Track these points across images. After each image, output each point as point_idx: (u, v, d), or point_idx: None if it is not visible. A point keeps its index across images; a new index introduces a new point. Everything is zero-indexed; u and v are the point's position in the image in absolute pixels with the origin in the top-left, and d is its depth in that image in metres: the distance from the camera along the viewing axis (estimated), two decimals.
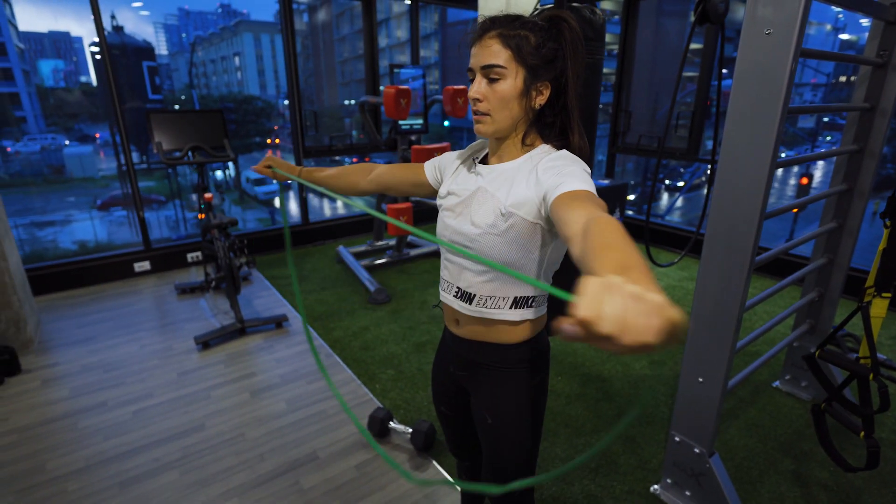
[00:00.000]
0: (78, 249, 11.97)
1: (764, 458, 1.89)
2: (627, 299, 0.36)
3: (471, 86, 0.87)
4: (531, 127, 0.90)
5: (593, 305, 0.36)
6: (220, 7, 24.98)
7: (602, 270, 0.46)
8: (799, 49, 1.20)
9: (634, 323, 0.35)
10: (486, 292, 0.92)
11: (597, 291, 0.37)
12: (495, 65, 0.83)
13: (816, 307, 2.14)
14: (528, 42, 0.82)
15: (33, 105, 17.95)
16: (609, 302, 0.36)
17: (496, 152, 0.94)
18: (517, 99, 0.85)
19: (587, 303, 0.36)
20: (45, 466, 1.83)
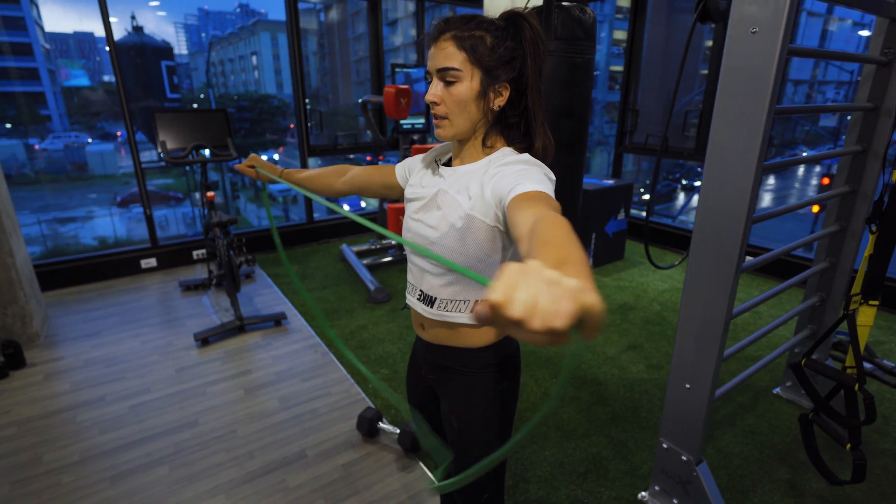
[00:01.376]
0: (98, 245, 12.27)
1: (759, 466, 1.85)
2: (541, 283, 0.35)
3: (429, 89, 0.86)
4: (492, 128, 0.88)
5: (506, 289, 0.35)
6: (238, 7, 25.29)
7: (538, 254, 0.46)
8: (786, 48, 1.16)
9: (544, 307, 0.34)
10: (446, 296, 0.91)
11: (512, 276, 0.36)
12: (450, 67, 0.81)
13: (818, 312, 2.07)
14: (484, 42, 0.81)
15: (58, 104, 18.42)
16: (522, 286, 0.35)
17: (458, 155, 0.93)
18: (474, 101, 0.83)
19: (501, 287, 0.36)
20: (41, 459, 1.88)
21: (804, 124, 15.81)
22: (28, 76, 18.16)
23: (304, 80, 4.04)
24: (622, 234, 3.91)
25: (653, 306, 3.18)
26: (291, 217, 16.29)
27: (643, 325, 2.94)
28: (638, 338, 2.79)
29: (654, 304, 3.21)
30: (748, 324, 2.96)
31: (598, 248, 3.75)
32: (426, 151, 1.04)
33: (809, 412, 1.33)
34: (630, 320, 2.99)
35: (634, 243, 4.39)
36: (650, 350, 2.66)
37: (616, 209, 3.77)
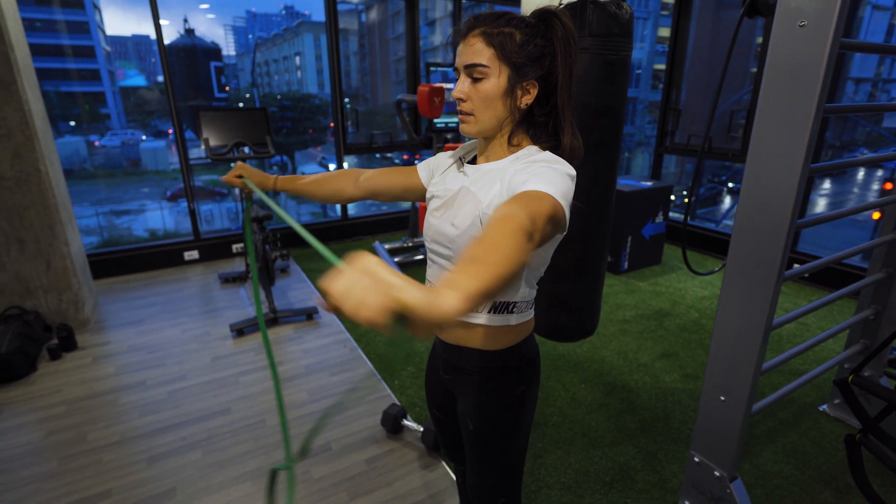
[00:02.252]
0: (148, 237, 12.93)
1: (800, 487, 1.74)
2: (360, 274, 0.40)
3: (456, 85, 0.85)
4: (518, 126, 0.87)
5: (339, 280, 0.41)
6: (283, 9, 26.05)
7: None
8: (837, 42, 1.08)
9: (357, 297, 0.40)
10: None
11: (350, 271, 0.41)
12: (477, 64, 0.80)
13: (872, 326, 1.94)
14: (513, 39, 0.79)
15: (116, 103, 19.52)
16: (355, 282, 0.40)
17: (484, 152, 0.91)
18: (501, 98, 0.82)
19: (332, 275, 0.41)
20: (86, 437, 1.99)
21: (865, 125, 14.83)
22: (90, 77, 19.27)
23: (341, 80, 4.11)
24: (660, 237, 3.78)
25: (690, 313, 3.06)
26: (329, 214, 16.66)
27: (679, 332, 2.83)
28: (673, 345, 2.69)
29: (691, 311, 3.09)
30: (794, 336, 2.80)
31: (633, 252, 3.64)
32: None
33: (857, 433, 1.24)
34: (665, 327, 2.89)
35: (673, 248, 4.23)
36: (686, 359, 2.56)
37: (654, 212, 3.65)
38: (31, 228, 2.61)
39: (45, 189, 2.59)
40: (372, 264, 0.42)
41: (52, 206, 2.62)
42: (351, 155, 4.31)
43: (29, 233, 2.61)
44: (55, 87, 14.75)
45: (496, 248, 0.52)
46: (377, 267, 0.42)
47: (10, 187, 2.52)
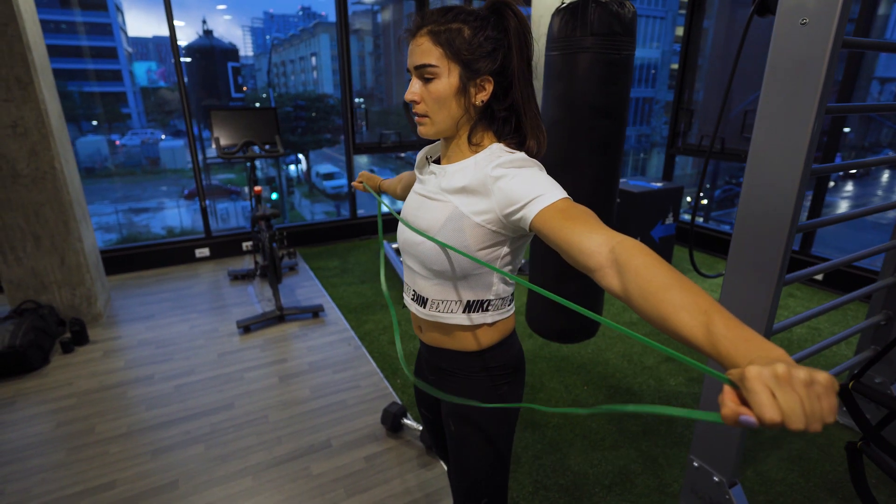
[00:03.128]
0: (166, 234, 13.17)
1: (804, 495, 1.71)
2: (801, 388, 0.38)
3: (409, 87, 0.83)
4: (478, 124, 0.84)
5: (774, 405, 0.38)
6: (300, 10, 26.32)
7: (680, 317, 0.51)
8: (840, 40, 1.06)
9: (818, 411, 0.38)
10: (436, 296, 0.90)
11: (772, 384, 0.38)
12: (426, 64, 0.78)
13: (883, 331, 1.89)
14: (461, 35, 0.77)
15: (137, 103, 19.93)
16: (786, 397, 0.38)
17: (445, 153, 0.90)
18: (454, 97, 0.80)
19: (768, 402, 0.38)
20: (94, 429, 2.04)
21: (890, 125, 14.43)
22: (112, 77, 19.68)
23: (351, 80, 4.14)
24: (670, 239, 3.73)
25: None
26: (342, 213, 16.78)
27: None
28: (679, 349, 2.65)
29: None
30: (804, 340, 2.74)
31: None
32: None
33: (858, 441, 1.21)
34: None
35: (683, 249, 4.17)
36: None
37: (664, 213, 3.61)
38: (47, 225, 2.68)
39: (60, 186, 2.65)
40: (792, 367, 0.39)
41: (66, 203, 2.69)
42: (361, 154, 4.33)
43: (44, 229, 2.68)
44: (79, 87, 15.08)
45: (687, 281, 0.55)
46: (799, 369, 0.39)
47: (26, 184, 2.59)
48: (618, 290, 0.60)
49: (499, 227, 0.80)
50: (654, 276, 0.55)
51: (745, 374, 0.40)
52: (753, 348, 0.45)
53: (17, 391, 2.29)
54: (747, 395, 0.39)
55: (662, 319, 0.53)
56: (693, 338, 0.50)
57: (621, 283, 0.59)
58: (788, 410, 0.37)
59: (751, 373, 0.40)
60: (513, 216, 0.75)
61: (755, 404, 0.38)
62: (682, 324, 0.51)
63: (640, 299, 0.56)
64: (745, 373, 0.40)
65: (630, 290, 0.57)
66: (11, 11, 2.38)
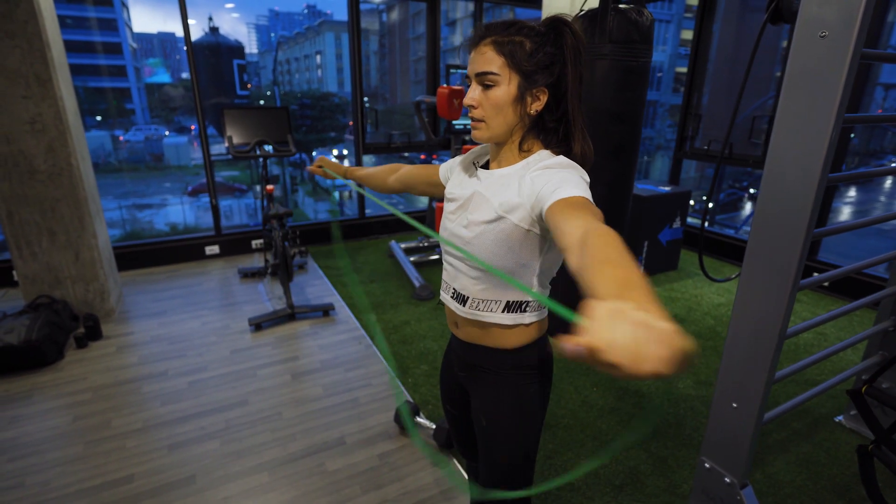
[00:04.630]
0: (169, 231, 13.21)
1: (812, 498, 1.73)
2: (637, 327, 0.36)
3: (468, 92, 0.88)
4: (529, 132, 0.89)
5: (602, 332, 0.36)
6: (306, 8, 26.34)
7: (601, 287, 0.47)
8: (858, 53, 1.08)
9: (644, 353, 0.35)
10: (478, 295, 0.93)
11: (605, 317, 0.37)
12: (488, 72, 0.83)
13: (891, 338, 1.91)
14: (523, 48, 0.82)
15: (141, 99, 19.98)
16: (618, 330, 0.36)
17: (496, 157, 0.94)
18: (511, 105, 0.84)
19: (596, 329, 0.37)
20: (110, 423, 2.06)
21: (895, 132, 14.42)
22: (117, 73, 19.73)
23: (362, 80, 4.16)
24: (677, 243, 3.75)
25: (705, 320, 3.04)
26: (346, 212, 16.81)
27: (694, 338, 2.80)
28: None
29: (707, 318, 3.07)
30: (811, 345, 2.77)
31: (650, 257, 3.63)
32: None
33: (870, 444, 1.24)
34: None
35: (690, 253, 4.20)
36: (700, 365, 2.55)
37: (671, 217, 3.63)
38: (62, 220, 2.71)
39: (76, 183, 2.68)
40: (635, 310, 0.37)
41: (81, 199, 2.72)
42: (370, 154, 4.36)
43: (59, 224, 2.71)
44: (83, 82, 15.11)
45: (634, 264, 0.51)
46: (640, 312, 0.37)
47: (43, 180, 2.62)
48: (574, 268, 0.58)
49: (531, 226, 0.83)
50: (602, 253, 0.53)
51: (591, 305, 0.39)
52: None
53: (34, 385, 2.32)
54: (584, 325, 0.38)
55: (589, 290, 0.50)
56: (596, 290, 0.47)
57: (579, 260, 0.57)
58: (616, 343, 0.35)
59: (597, 306, 0.39)
60: (537, 212, 0.79)
61: (584, 329, 0.37)
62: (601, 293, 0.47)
63: (583, 272, 0.54)
64: (592, 305, 0.39)
65: (581, 265, 0.55)
66: (32, 8, 2.41)
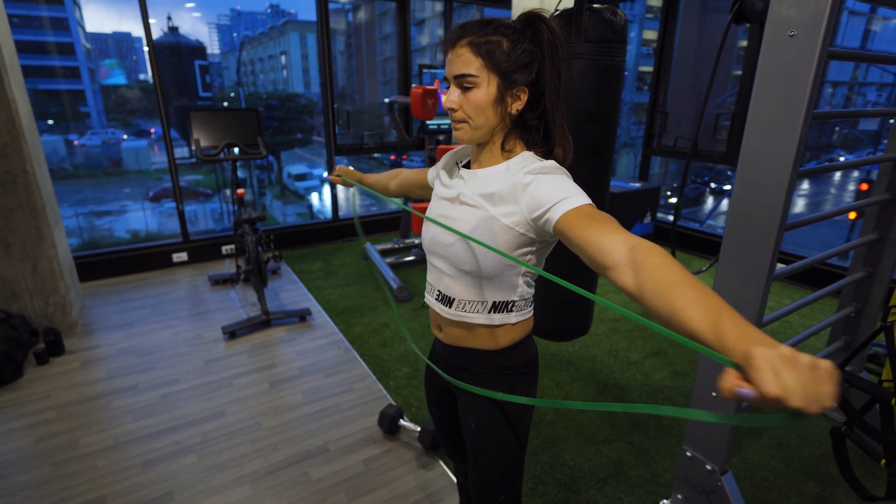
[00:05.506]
0: (130, 238, 12.70)
1: (786, 479, 1.80)
2: (805, 371, 0.40)
3: (447, 95, 0.86)
4: (511, 132, 0.88)
5: (778, 381, 0.40)
6: (269, 7, 25.80)
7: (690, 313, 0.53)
8: (825, 52, 1.13)
9: (818, 393, 0.40)
10: (463, 296, 0.92)
11: (778, 365, 0.41)
12: (467, 74, 0.81)
13: (853, 323, 2.01)
14: (500, 47, 0.81)
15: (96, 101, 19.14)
16: (791, 376, 0.40)
17: (477, 158, 0.93)
18: (492, 106, 0.83)
19: (772, 378, 0.41)
20: (78, 442, 1.96)
21: (842, 127, 15.24)
22: (70, 74, 18.85)
23: (332, 81, 4.10)
24: (648, 238, 3.85)
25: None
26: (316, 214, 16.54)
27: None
28: (662, 344, 2.75)
29: None
30: (778, 333, 2.88)
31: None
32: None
33: (842, 425, 1.29)
34: None
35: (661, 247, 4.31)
36: (674, 357, 2.62)
37: (642, 213, 3.72)
38: (18, 230, 2.56)
39: (32, 190, 2.54)
40: (797, 353, 0.42)
41: (38, 207, 2.58)
42: (342, 156, 4.30)
43: (15, 235, 2.56)
44: (33, 84, 14.35)
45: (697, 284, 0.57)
46: (804, 355, 0.42)
47: None
48: (632, 287, 0.62)
49: (526, 230, 0.83)
50: (670, 274, 0.58)
51: (751, 352, 0.43)
52: (758, 342, 0.47)
53: None
54: (751, 372, 0.42)
55: (673, 313, 0.55)
56: (701, 332, 0.52)
57: (636, 280, 0.61)
58: (790, 388, 0.40)
59: (757, 351, 0.42)
60: (540, 219, 0.78)
61: (758, 379, 0.41)
62: (692, 318, 0.53)
63: (653, 295, 0.58)
64: (752, 352, 0.43)
65: (645, 286, 0.60)
66: None
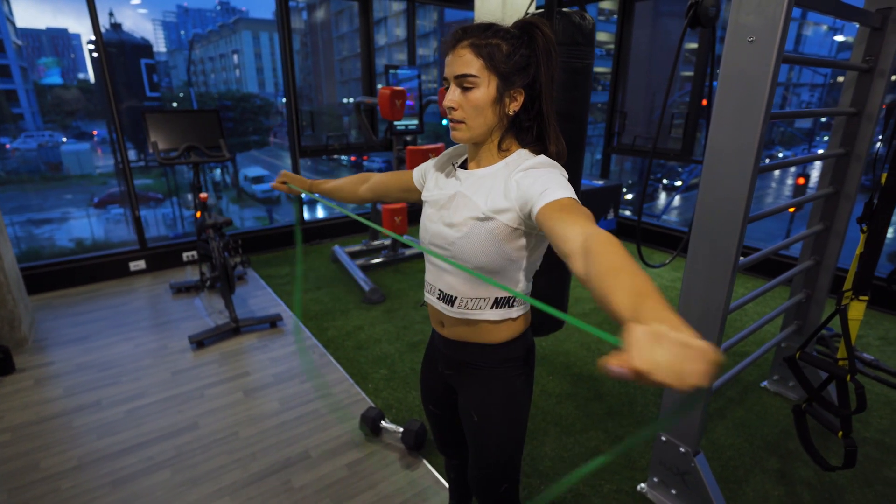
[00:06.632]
0: (75, 247, 11.97)
1: (750, 457, 1.92)
2: (676, 347, 0.40)
3: (446, 94, 0.88)
4: (507, 132, 0.91)
5: (646, 355, 0.40)
6: (218, 4, 24.92)
7: (617, 296, 0.52)
8: (781, 56, 1.22)
9: (685, 370, 0.40)
10: (467, 294, 0.94)
11: (646, 341, 0.41)
12: (468, 74, 0.84)
13: (804, 308, 2.16)
14: (500, 50, 0.84)
15: (31, 102, 17.90)
16: (660, 352, 0.40)
17: (474, 158, 0.95)
18: (491, 106, 0.86)
19: (640, 353, 0.40)
20: (38, 465, 1.85)
21: (780, 125, 16.24)
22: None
23: (295, 81, 4.02)
24: (612, 234, 3.99)
25: None
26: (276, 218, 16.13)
27: None
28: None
29: None
30: (735, 320, 3.05)
31: None
32: (427, 152, 1.07)
33: (803, 402, 1.40)
34: None
35: (624, 243, 4.47)
36: None
37: (605, 210, 3.85)
38: None
39: None
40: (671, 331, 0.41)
41: None
42: (306, 158, 4.22)
43: None
44: None
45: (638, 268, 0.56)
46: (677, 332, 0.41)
47: None
48: (581, 273, 0.63)
49: (519, 225, 0.85)
50: (610, 260, 0.58)
51: (630, 329, 0.43)
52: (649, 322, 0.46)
53: None
54: (626, 349, 0.42)
55: (604, 298, 0.55)
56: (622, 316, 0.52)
57: (585, 266, 0.62)
58: (657, 363, 0.40)
59: (636, 330, 0.42)
60: (527, 211, 0.81)
61: (628, 354, 0.41)
62: (617, 302, 0.52)
63: (595, 279, 0.58)
64: (630, 328, 0.43)
65: (590, 272, 0.60)
66: None
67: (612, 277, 0.55)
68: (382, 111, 2.91)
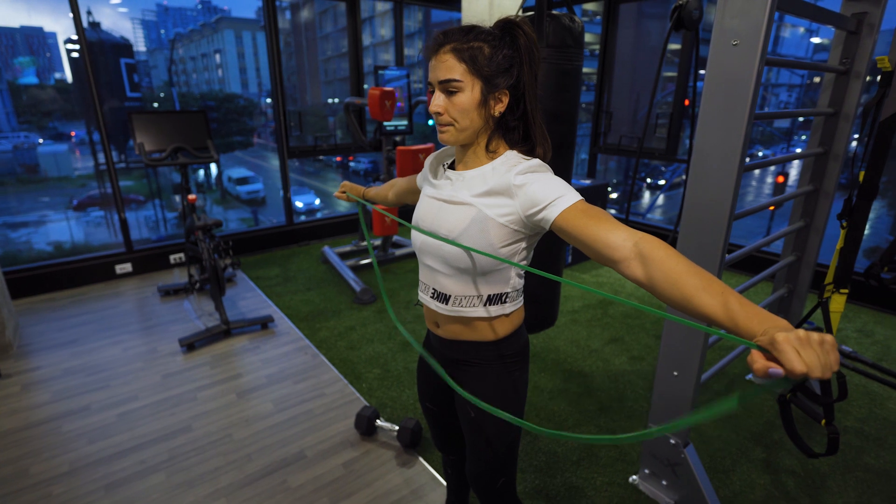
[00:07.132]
0: (53, 251, 11.71)
1: (736, 447, 1.98)
2: (817, 346, 0.50)
3: (431, 99, 0.90)
4: (494, 133, 0.92)
5: (800, 359, 0.49)
6: (200, 3, 24.57)
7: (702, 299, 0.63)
8: (764, 59, 1.26)
9: (830, 362, 0.50)
10: (459, 292, 0.96)
11: (798, 345, 0.50)
12: (451, 79, 0.85)
13: (787, 302, 2.23)
14: (482, 53, 0.85)
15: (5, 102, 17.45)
16: (809, 352, 0.49)
17: (462, 159, 0.97)
18: (476, 109, 0.87)
19: (796, 357, 0.49)
20: (28, 471, 1.82)
21: (759, 125, 16.61)
22: None
23: (282, 82, 4.00)
24: None
25: (631, 301, 3.32)
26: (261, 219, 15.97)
27: (623, 318, 3.07)
28: (619, 331, 2.91)
29: (631, 299, 3.35)
30: None
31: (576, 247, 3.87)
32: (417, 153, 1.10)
33: (787, 393, 1.45)
34: (610, 315, 3.11)
35: None
36: (631, 342, 2.78)
37: None
38: None
39: None
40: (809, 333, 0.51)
41: None
42: (294, 158, 4.21)
43: None
44: None
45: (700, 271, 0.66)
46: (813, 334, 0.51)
47: None
48: (642, 278, 0.70)
49: (519, 226, 0.88)
50: (676, 264, 0.67)
51: (775, 338, 0.51)
52: (764, 320, 0.57)
53: None
54: (778, 355, 0.50)
55: (686, 300, 0.64)
56: (714, 314, 0.61)
57: (645, 271, 0.70)
58: (810, 363, 0.49)
59: (780, 337, 0.51)
60: (534, 217, 0.84)
61: (786, 360, 0.49)
62: (704, 303, 0.62)
63: (665, 284, 0.67)
64: (775, 337, 0.51)
65: (654, 277, 0.68)
66: None
67: (685, 281, 0.65)
68: (372, 112, 2.92)
